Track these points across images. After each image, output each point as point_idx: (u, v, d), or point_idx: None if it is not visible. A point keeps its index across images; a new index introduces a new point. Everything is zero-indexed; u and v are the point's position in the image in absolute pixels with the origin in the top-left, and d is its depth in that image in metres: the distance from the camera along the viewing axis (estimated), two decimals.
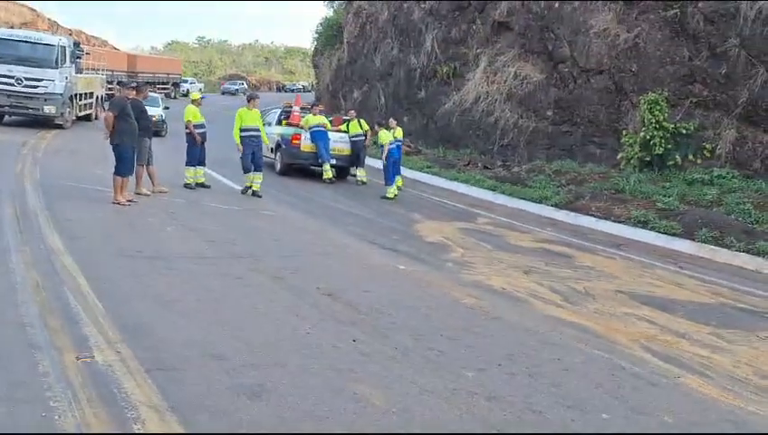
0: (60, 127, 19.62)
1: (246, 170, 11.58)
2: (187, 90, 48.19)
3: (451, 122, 21.22)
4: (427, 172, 17.84)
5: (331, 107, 31.82)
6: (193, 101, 11.80)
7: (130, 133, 9.31)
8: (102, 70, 26.42)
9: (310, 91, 71.85)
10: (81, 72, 21.60)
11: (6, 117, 19.56)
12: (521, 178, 15.88)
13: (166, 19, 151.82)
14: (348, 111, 14.14)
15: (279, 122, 15.17)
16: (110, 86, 26.87)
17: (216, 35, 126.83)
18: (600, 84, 16.04)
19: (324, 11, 68.32)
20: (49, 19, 39.54)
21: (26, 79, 18.63)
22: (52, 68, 18.98)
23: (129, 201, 9.17)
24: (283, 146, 14.36)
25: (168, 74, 44.24)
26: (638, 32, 15.13)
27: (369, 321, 5.07)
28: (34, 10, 39.11)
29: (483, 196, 14.81)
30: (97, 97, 24.13)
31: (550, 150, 17.45)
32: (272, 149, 15.04)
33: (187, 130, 11.54)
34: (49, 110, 18.99)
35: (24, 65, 18.62)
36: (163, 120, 21.27)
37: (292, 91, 71.32)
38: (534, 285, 6.65)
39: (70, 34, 33.80)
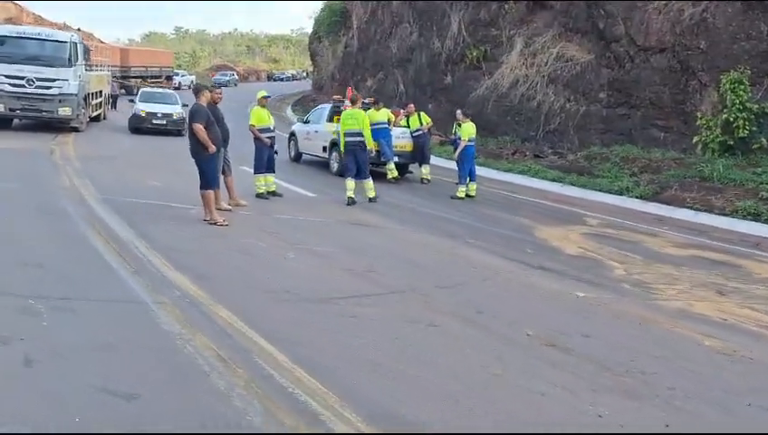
0: (75, 130, 18.26)
1: (346, 174, 10.58)
2: (179, 82, 46.63)
3: (485, 109, 20.19)
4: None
5: (342, 96, 30.72)
6: (259, 102, 10.64)
7: (215, 143, 8.25)
8: (107, 66, 24.91)
9: (300, 80, 70.55)
10: (90, 70, 20.16)
11: (16, 121, 18.16)
12: (584, 167, 15.05)
13: (140, 10, 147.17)
14: (406, 105, 13.13)
15: (330, 119, 14.08)
16: None
17: (194, 25, 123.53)
18: (661, 63, 15.18)
19: None
20: (34, 14, 37.47)
21: (38, 79, 17.22)
22: (66, 67, 17.58)
23: (225, 221, 8.11)
24: None
25: (161, 68, 42.51)
26: (704, 6, 14.30)
27: (633, 385, 4.14)
28: (18, 5, 37.01)
29: (550, 188, 13.96)
30: (106, 95, 22.72)
31: (605, 135, 16.61)
32: (324, 147, 14.00)
33: (254, 136, 10.44)
34: (64, 111, 17.62)
35: (34, 65, 17.19)
36: (183, 119, 19.99)
37: (281, 79, 69.72)
38: (749, 311, 5.82)
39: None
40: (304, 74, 71.86)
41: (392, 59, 26.59)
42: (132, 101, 20.60)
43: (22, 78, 17.11)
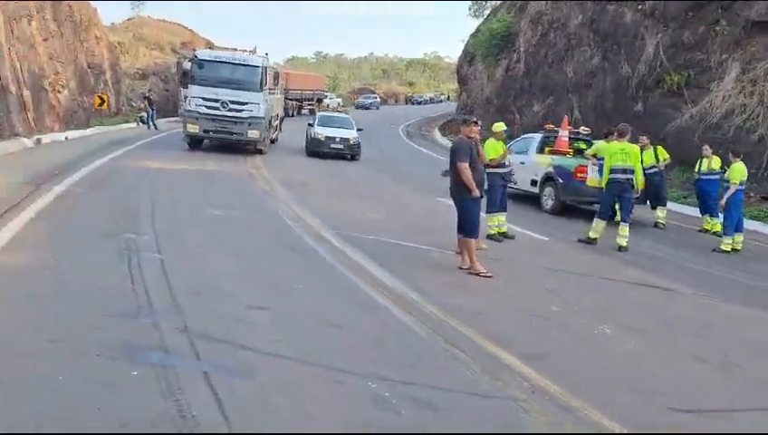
0: (259, 152, 18.46)
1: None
2: (328, 105, 47.77)
3: (689, 140, 17.98)
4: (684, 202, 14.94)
5: (554, 124, 29.52)
6: (496, 135, 9.59)
7: (478, 184, 7.27)
8: (281, 89, 25.47)
9: (438, 103, 70.36)
10: (273, 93, 20.46)
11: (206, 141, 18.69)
12: None
13: (284, 36, 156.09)
14: (640, 137, 11.65)
15: (541, 150, 12.83)
16: None
17: (332, 49, 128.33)
18: None
19: (471, 22, 66.16)
20: (205, 39, 39.89)
21: (231, 102, 17.59)
22: (257, 91, 17.87)
23: (488, 272, 7.07)
24: (560, 180, 11.97)
25: (314, 90, 43.67)
26: None
27: None
28: (192, 31, 39.66)
29: None
30: (281, 118, 23.12)
31: None
32: (533, 181, 12.75)
33: (489, 171, 9.36)
34: (252, 134, 17.86)
35: (228, 88, 17.58)
36: (358, 144, 19.70)
37: (419, 103, 69.84)
38: None
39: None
40: (442, 97, 71.55)
41: (566, 84, 24.95)
42: (311, 124, 20.63)
43: (217, 101, 17.54)
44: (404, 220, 10.41)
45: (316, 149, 19.44)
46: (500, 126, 9.74)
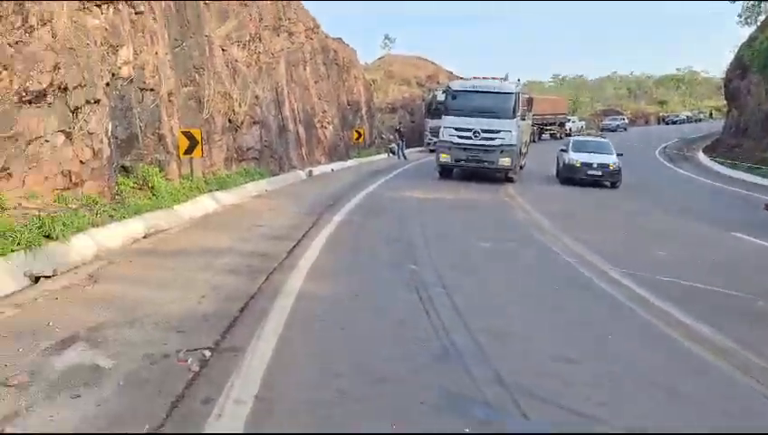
0: (510, 180, 18.07)
1: None
2: (570, 128, 45.83)
3: None
4: None
5: None
6: None
7: None
8: (529, 115, 24.94)
9: (697, 122, 63.33)
10: (523, 120, 19.98)
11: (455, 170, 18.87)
12: None
13: (517, 61, 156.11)
14: None
15: None
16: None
17: (571, 71, 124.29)
18: None
19: (740, 30, 59.38)
20: (447, 71, 41.30)
21: (483, 131, 17.54)
22: (510, 118, 17.57)
23: None
24: None
25: (555, 114, 42.28)
26: None
27: None
28: (435, 64, 41.37)
29: None
30: (527, 144, 22.52)
31: None
32: None
33: None
34: (504, 162, 17.58)
35: (481, 117, 17.55)
36: (619, 169, 18.14)
37: (674, 122, 63.60)
38: None
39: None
40: (701, 116, 64.24)
41: None
42: (564, 149, 19.64)
43: (469, 130, 17.63)
44: (700, 259, 8.98)
45: (571, 176, 18.38)
46: None
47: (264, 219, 10.52)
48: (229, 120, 14.98)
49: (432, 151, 29.77)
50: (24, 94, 7.65)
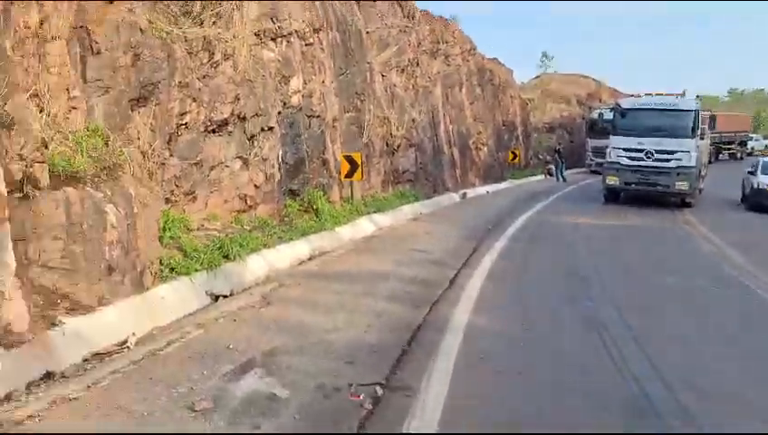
0: (687, 205, 16.36)
1: None
2: (753, 147, 41.10)
3: None
4: None
5: None
6: None
7: None
8: (708, 133, 22.60)
9: None
10: (702, 139, 18.05)
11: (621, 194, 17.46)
12: None
13: (684, 75, 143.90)
14: None
15: None
16: None
17: (750, 85, 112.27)
18: None
19: None
20: (610, 88, 39.04)
21: (657, 152, 16.07)
22: (688, 138, 15.94)
23: None
24: None
25: (735, 132, 38.04)
26: None
27: None
28: (597, 81, 39.29)
29: None
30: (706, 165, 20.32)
31: None
32: None
33: None
34: (681, 185, 15.95)
35: (654, 136, 16.11)
36: None
37: None
38: None
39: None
40: None
41: None
42: (752, 172, 17.39)
43: (640, 151, 16.27)
44: None
45: (761, 202, 16.17)
46: None
47: (422, 243, 10.36)
48: (386, 144, 15.20)
49: (593, 172, 28.13)
50: (209, 124, 8.23)
